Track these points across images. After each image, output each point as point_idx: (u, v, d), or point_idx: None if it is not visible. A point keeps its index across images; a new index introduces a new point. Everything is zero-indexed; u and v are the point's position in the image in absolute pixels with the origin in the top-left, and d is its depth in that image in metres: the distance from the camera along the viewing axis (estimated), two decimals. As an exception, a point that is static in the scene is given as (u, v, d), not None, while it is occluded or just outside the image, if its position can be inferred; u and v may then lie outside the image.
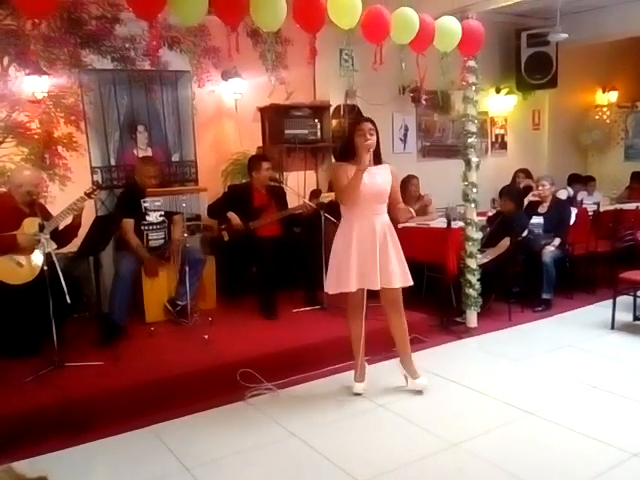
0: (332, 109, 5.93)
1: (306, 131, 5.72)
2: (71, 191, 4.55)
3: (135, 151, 5.22)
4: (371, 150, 3.45)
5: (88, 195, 3.98)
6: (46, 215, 3.98)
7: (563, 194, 6.65)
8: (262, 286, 4.81)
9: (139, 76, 5.15)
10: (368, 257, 3.51)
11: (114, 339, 4.12)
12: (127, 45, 4.99)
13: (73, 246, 4.12)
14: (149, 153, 5.24)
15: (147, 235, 4.64)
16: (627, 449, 2.93)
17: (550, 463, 2.87)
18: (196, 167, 5.51)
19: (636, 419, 3.29)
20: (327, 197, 4.83)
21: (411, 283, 3.65)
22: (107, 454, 3.11)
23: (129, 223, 4.54)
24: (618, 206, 6.47)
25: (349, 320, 3.76)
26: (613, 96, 8.29)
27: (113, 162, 5.13)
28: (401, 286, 3.61)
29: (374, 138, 3.51)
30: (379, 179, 3.55)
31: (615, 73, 8.11)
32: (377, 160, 3.58)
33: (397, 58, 4.55)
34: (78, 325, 4.27)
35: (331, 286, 3.63)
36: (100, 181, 4.87)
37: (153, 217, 4.65)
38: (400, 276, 3.58)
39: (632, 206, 6.41)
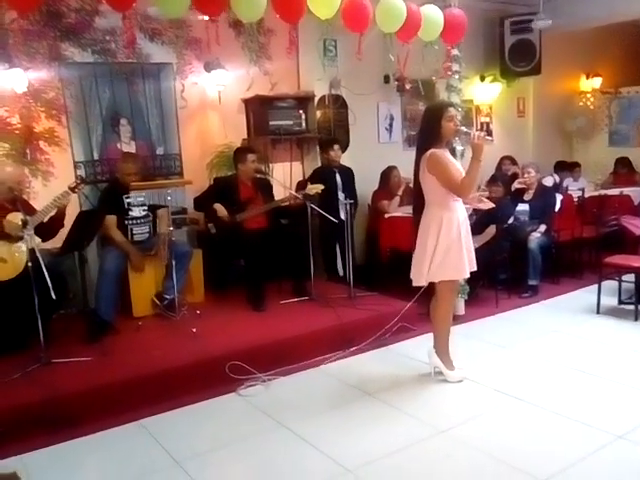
0: (317, 99, 5.91)
1: (291, 122, 5.69)
2: (54, 186, 4.51)
3: (119, 145, 5.17)
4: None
5: (72, 189, 3.95)
6: (29, 211, 3.94)
7: (549, 181, 6.69)
8: (250, 278, 4.81)
9: (121, 69, 5.09)
10: (468, 242, 3.61)
11: (101, 334, 4.10)
12: (107, 37, 4.93)
13: (57, 242, 4.09)
14: (132, 147, 5.20)
15: (131, 230, 4.60)
16: (612, 432, 2.97)
17: (537, 447, 2.90)
18: (181, 160, 5.48)
19: (621, 402, 3.33)
20: (314, 189, 4.83)
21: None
22: (96, 449, 3.10)
23: (111, 219, 4.49)
24: (602, 192, 6.52)
25: (451, 307, 3.80)
26: (597, 82, 8.33)
27: (96, 156, 5.08)
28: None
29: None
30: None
31: (599, 59, 8.14)
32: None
33: (381, 47, 4.55)
34: (65, 321, 4.26)
35: (449, 274, 3.58)
36: (84, 175, 4.82)
37: (136, 212, 4.62)
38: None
39: (616, 191, 6.47)
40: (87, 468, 2.99)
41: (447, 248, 3.50)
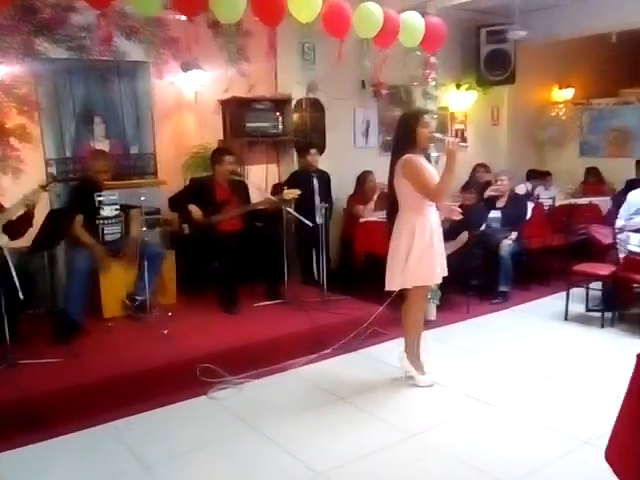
0: (294, 103, 5.91)
1: (268, 124, 5.68)
2: (24, 183, 4.40)
3: (92, 143, 5.09)
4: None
5: (43, 188, 3.89)
6: (-2, 208, 3.86)
7: (521, 189, 6.80)
8: (223, 280, 4.78)
9: (95, 66, 5.01)
10: (440, 247, 3.67)
11: (70, 335, 4.03)
12: (83, 34, 4.84)
13: (26, 240, 4.01)
14: (106, 145, 5.13)
15: (102, 229, 4.54)
16: (579, 437, 3.03)
17: (506, 452, 2.94)
18: (155, 160, 5.42)
19: (587, 408, 3.40)
20: (290, 194, 4.82)
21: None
22: (65, 452, 3.05)
23: (78, 220, 4.41)
24: (572, 201, 6.65)
25: (422, 313, 3.85)
26: (569, 93, 8.49)
27: (69, 154, 4.99)
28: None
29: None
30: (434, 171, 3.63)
31: (571, 71, 8.31)
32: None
33: (359, 53, 4.58)
34: (32, 322, 4.17)
35: (421, 279, 3.61)
36: (55, 174, 4.72)
37: (107, 211, 4.55)
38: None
39: (585, 201, 6.60)
40: (55, 471, 2.93)
41: (420, 254, 3.53)
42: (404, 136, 3.59)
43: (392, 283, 3.62)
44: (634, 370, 1.76)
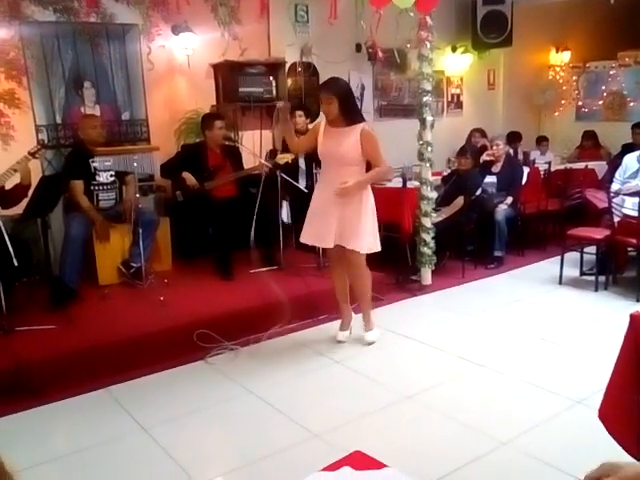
0: (287, 66, 5.81)
1: (261, 89, 5.58)
2: (15, 150, 4.36)
3: (82, 109, 5.01)
4: (332, 116, 3.58)
5: (32, 154, 3.84)
6: (-12, 175, 3.81)
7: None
8: (218, 247, 4.76)
9: (84, 29, 4.91)
10: (325, 218, 3.64)
11: (66, 302, 4.02)
12: (70, -5, 4.74)
13: (19, 208, 3.97)
14: (97, 111, 5.05)
15: (97, 196, 4.50)
16: (572, 397, 3.07)
17: (500, 412, 2.99)
18: (147, 126, 5.35)
19: (581, 369, 3.44)
20: (283, 158, 4.76)
21: (368, 250, 3.70)
22: (62, 417, 3.08)
23: (78, 184, 4.39)
24: (568, 165, 6.62)
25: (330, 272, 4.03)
26: (566, 56, 8.38)
27: (59, 120, 4.92)
28: (354, 249, 3.65)
29: (331, 106, 3.55)
30: (342, 142, 3.57)
31: (568, 33, 8.19)
32: (349, 121, 3.59)
33: (353, 15, 4.48)
34: (28, 289, 4.16)
35: (303, 236, 3.82)
36: (46, 140, 4.66)
37: (103, 177, 4.52)
38: (356, 240, 3.62)
39: (581, 165, 6.57)
40: (54, 435, 2.97)
41: (374, 218, 3.68)
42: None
43: (357, 244, 3.64)
44: (627, 329, 1.77)
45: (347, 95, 3.66)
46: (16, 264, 3.38)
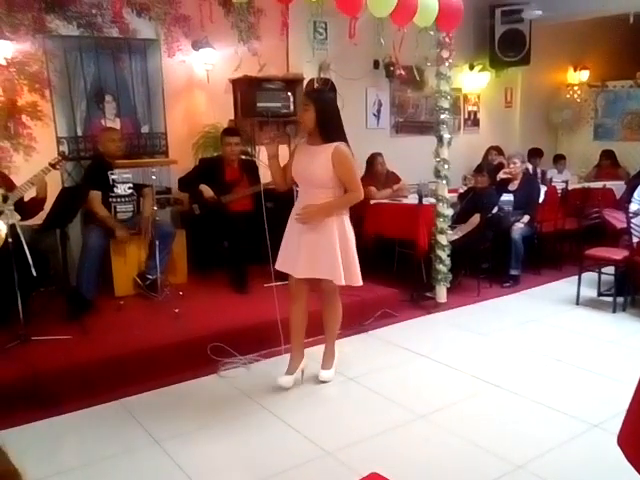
0: (305, 82, 5.85)
1: (279, 104, 5.62)
2: (36, 161, 4.42)
3: (103, 121, 5.10)
4: (307, 127, 3.21)
5: (53, 166, 3.89)
6: (10, 186, 3.89)
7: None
8: (233, 260, 4.78)
9: (106, 43, 5.00)
10: (295, 244, 3.30)
11: (82, 313, 4.05)
12: (94, 11, 4.83)
13: (39, 218, 4.02)
14: (117, 124, 5.13)
15: (115, 207, 4.56)
16: (588, 420, 3.03)
17: (515, 434, 2.95)
18: (166, 139, 5.41)
19: (597, 391, 3.39)
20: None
21: (343, 283, 3.29)
22: (75, 428, 3.09)
23: (96, 195, 4.45)
24: (586, 184, 6.58)
25: (289, 303, 3.55)
26: (584, 75, 8.36)
27: (80, 132, 5.00)
28: (327, 278, 3.32)
29: (307, 114, 3.18)
30: (313, 161, 3.21)
31: (587, 52, 8.17)
32: (325, 138, 3.20)
33: (372, 32, 4.49)
34: (45, 299, 4.20)
35: (277, 262, 3.47)
36: (66, 152, 4.74)
37: (121, 189, 4.57)
38: (329, 268, 3.25)
39: (599, 185, 6.53)
40: (67, 446, 2.97)
41: (353, 250, 3.32)
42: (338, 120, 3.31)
43: (333, 274, 3.28)
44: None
45: (327, 108, 3.24)
46: (34, 274, 3.42)
